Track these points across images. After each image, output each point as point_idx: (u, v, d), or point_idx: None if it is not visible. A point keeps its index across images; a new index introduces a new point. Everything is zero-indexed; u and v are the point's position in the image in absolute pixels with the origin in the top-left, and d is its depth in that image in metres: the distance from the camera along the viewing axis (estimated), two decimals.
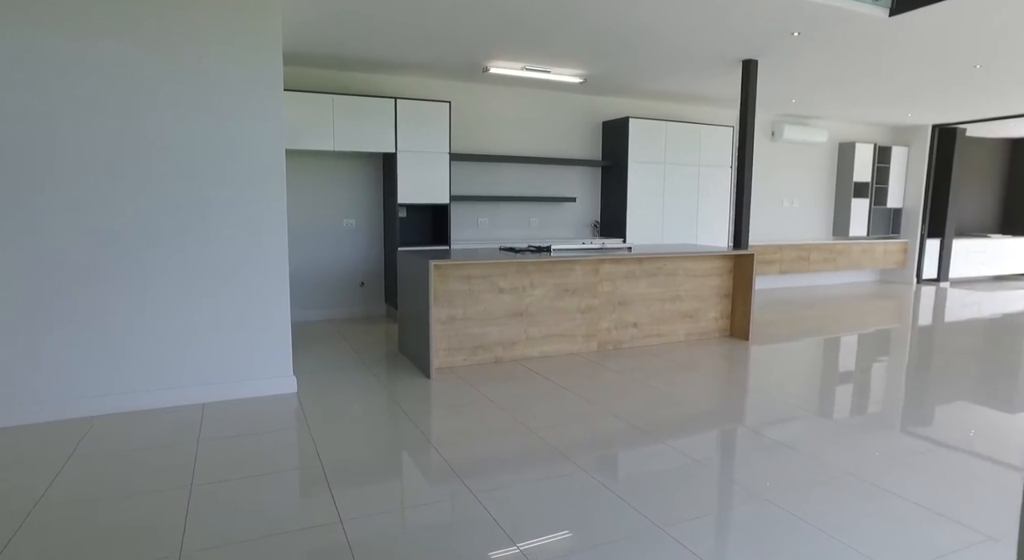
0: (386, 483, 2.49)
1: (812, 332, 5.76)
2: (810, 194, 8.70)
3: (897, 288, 8.73)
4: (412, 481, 2.52)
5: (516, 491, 2.43)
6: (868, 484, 2.52)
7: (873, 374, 4.22)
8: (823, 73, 5.65)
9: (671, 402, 3.54)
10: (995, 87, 6.18)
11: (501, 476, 2.55)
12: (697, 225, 7.14)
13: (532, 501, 2.34)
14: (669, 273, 5.00)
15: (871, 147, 8.72)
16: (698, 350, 4.84)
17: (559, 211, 6.88)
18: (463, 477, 2.54)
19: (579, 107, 6.87)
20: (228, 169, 3.36)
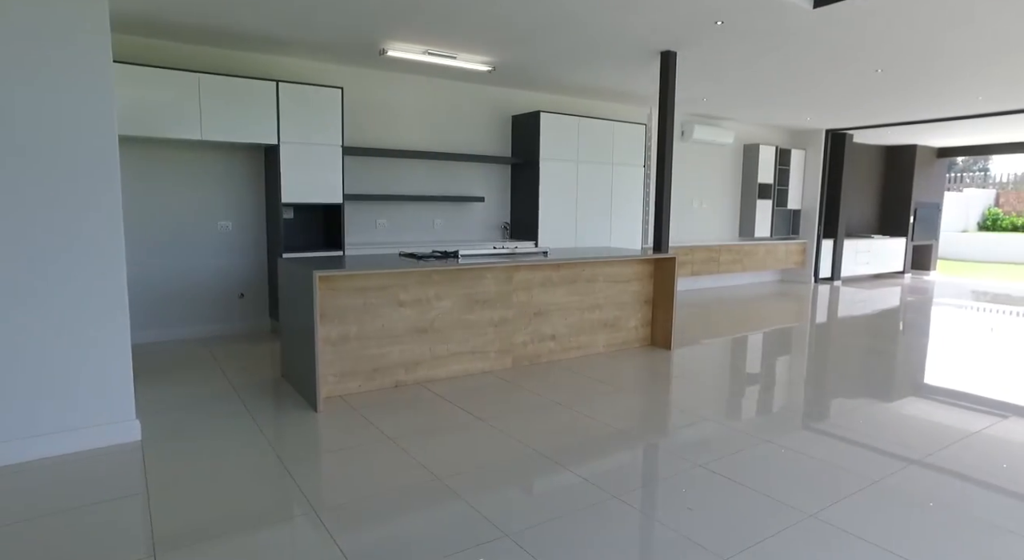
0: None
1: (730, 336, 5.61)
2: (718, 195, 8.72)
3: (798, 287, 8.95)
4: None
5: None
6: (835, 529, 2.19)
7: (799, 381, 4.04)
8: (740, 70, 5.50)
9: (592, 428, 3.12)
10: (888, 92, 6.33)
11: (402, 554, 1.99)
12: (611, 226, 6.87)
13: None
14: (588, 280, 4.62)
15: (773, 149, 8.87)
16: (620, 363, 4.49)
17: (466, 212, 6.36)
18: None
19: (488, 99, 6.38)
20: (34, 158, 2.56)
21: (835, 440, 3.04)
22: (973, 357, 4.97)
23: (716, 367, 4.47)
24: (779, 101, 6.97)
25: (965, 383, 4.19)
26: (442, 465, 2.68)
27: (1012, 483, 2.60)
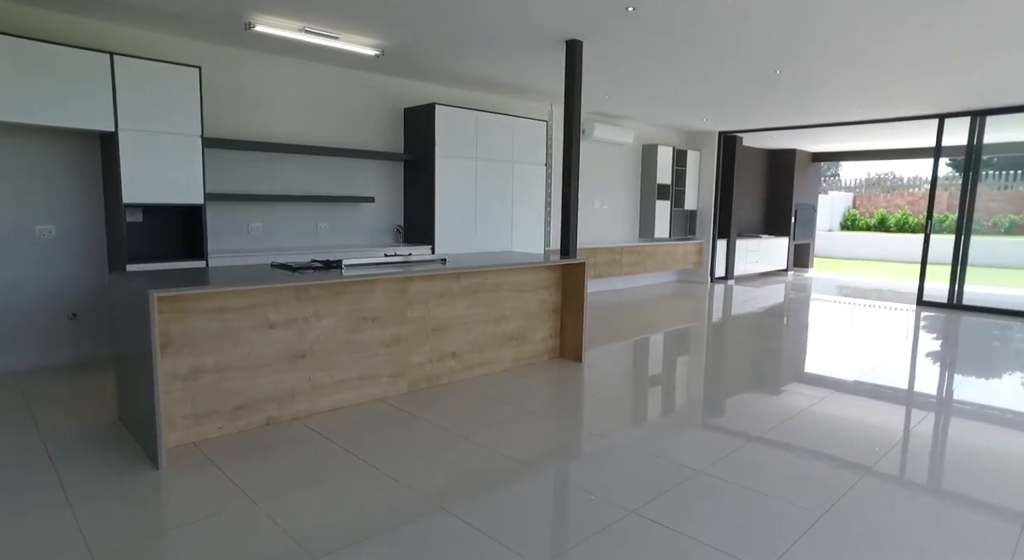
0: None
1: (636, 339, 5.40)
2: (618, 195, 8.61)
3: (696, 287, 9.05)
4: None
5: None
6: None
7: (712, 386, 3.84)
8: (647, 65, 5.28)
9: (493, 462, 2.68)
10: (783, 94, 6.42)
11: None
12: (512, 229, 6.48)
13: None
14: (492, 289, 4.18)
15: (671, 150, 8.91)
16: (527, 380, 4.09)
17: (355, 214, 5.72)
18: None
19: (378, 89, 5.77)
20: None
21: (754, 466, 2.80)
22: (846, 346, 5.36)
23: (626, 378, 4.18)
24: (682, 100, 6.91)
25: (843, 372, 4.54)
26: (312, 529, 2.12)
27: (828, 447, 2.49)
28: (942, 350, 5.42)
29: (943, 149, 7.48)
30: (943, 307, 7.44)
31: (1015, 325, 6.51)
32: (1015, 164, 16.75)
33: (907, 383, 4.27)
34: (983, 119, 7.16)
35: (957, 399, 3.89)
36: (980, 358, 5.08)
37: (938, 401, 3.86)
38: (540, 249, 6.80)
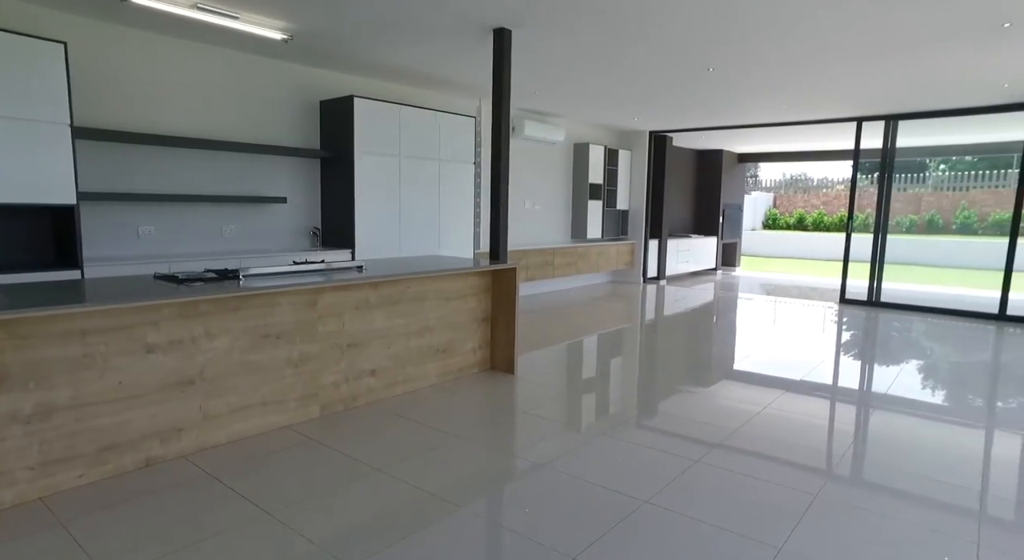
0: None
1: (573, 346, 5.17)
2: (550, 195, 8.39)
3: (628, 288, 8.97)
4: None
5: None
6: None
7: (653, 401, 3.64)
8: (579, 58, 5.04)
9: (411, 501, 2.34)
10: (711, 94, 6.37)
11: None
12: (439, 232, 6.12)
13: None
14: (415, 298, 3.81)
15: (602, 149, 8.77)
16: (455, 397, 3.75)
17: (265, 215, 5.20)
18: None
19: (290, 79, 5.27)
20: None
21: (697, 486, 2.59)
22: (771, 343, 5.54)
23: (561, 389, 3.92)
24: (613, 97, 6.74)
25: (764, 367, 4.73)
26: None
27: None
28: (872, 348, 5.48)
29: (856, 152, 7.68)
30: (864, 304, 7.65)
31: (930, 320, 6.73)
32: (908, 167, 17.80)
33: (849, 383, 4.23)
34: (896, 123, 7.39)
35: (899, 396, 3.86)
36: (907, 354, 5.14)
37: (888, 401, 3.81)
38: (470, 253, 6.46)
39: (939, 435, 3.30)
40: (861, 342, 5.81)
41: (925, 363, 4.98)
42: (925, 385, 4.36)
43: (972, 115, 6.92)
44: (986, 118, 7.24)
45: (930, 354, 5.32)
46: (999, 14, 3.81)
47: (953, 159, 18.19)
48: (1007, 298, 6.77)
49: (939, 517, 2.37)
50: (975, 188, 16.99)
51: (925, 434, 3.31)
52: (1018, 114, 6.66)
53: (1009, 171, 16.65)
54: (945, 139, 9.95)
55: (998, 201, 16.49)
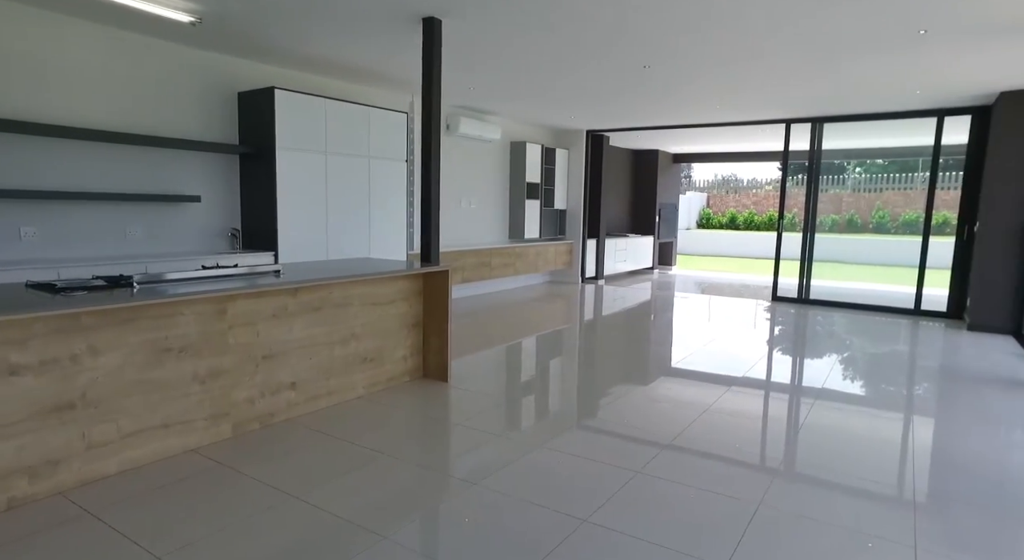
0: None
1: (512, 348, 5.00)
2: (487, 194, 8.20)
3: (567, 288, 8.90)
4: None
5: None
6: None
7: (593, 405, 3.51)
8: (511, 53, 4.88)
9: (336, 536, 2.10)
10: (647, 93, 6.35)
11: None
12: (370, 233, 5.82)
13: None
14: (339, 304, 3.54)
15: (539, 148, 8.66)
16: (384, 410, 3.51)
17: (176, 216, 4.78)
18: None
19: (203, 68, 4.86)
20: None
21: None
22: (708, 342, 5.61)
23: (498, 397, 3.74)
24: (550, 95, 6.62)
25: (703, 366, 4.78)
26: None
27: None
28: (804, 344, 5.58)
29: (781, 152, 7.88)
30: (795, 302, 7.85)
31: (855, 316, 6.96)
32: (829, 170, 18.68)
33: (786, 379, 4.25)
34: (821, 126, 7.62)
35: (833, 389, 3.89)
36: (837, 350, 5.25)
37: (825, 395, 3.82)
38: (403, 255, 6.19)
39: (871, 428, 3.33)
40: (794, 339, 5.92)
41: (854, 358, 5.09)
42: (856, 379, 4.45)
43: (888, 120, 7.20)
44: (899, 123, 7.57)
45: (858, 349, 5.46)
46: (916, 22, 3.89)
47: (868, 162, 19.23)
48: (921, 294, 7.08)
49: (877, 523, 2.33)
50: (887, 190, 17.99)
51: (858, 429, 3.32)
52: (927, 120, 6.96)
53: (915, 174, 17.74)
54: (864, 142, 10.41)
55: (907, 202, 17.52)
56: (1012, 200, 5.96)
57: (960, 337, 5.98)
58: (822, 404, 3.79)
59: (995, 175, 6.08)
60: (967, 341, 5.80)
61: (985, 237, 6.15)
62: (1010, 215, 5.98)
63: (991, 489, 2.64)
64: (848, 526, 2.29)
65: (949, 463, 2.92)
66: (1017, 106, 5.90)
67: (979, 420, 3.55)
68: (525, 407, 3.71)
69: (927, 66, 4.97)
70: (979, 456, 3.01)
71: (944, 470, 2.84)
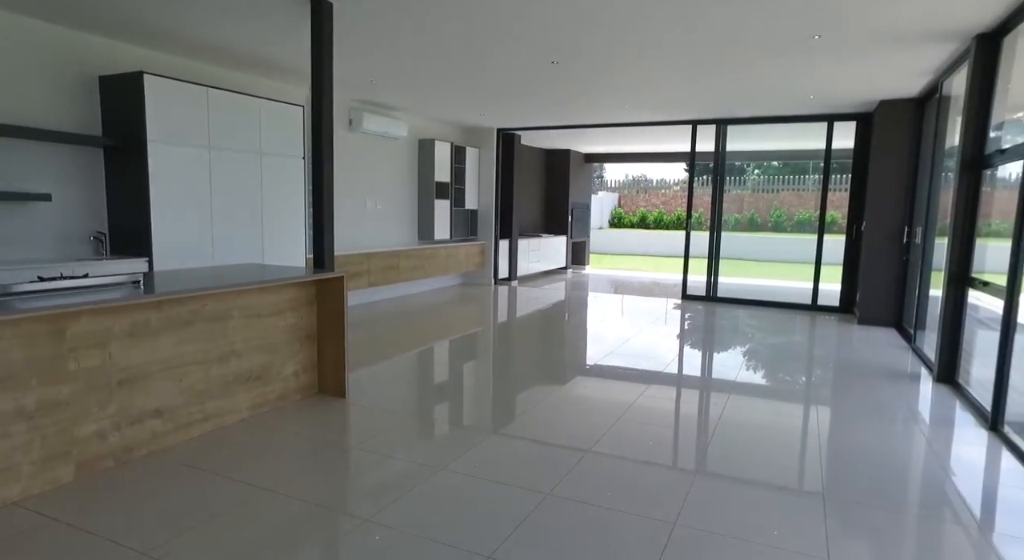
0: None
1: (421, 356, 4.71)
2: (394, 194, 7.83)
3: (479, 290, 8.68)
4: None
5: None
6: None
7: (505, 418, 3.30)
8: (412, 42, 4.58)
9: None
10: (556, 92, 6.23)
11: None
12: (264, 237, 5.34)
13: None
14: (216, 318, 3.13)
15: (449, 146, 8.37)
16: (271, 433, 3.13)
17: (23, 217, 4.13)
18: None
19: (55, 46, 4.23)
20: None
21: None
22: (622, 340, 5.61)
23: (402, 413, 3.46)
24: (456, 90, 6.36)
25: (619, 364, 4.80)
26: None
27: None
28: (714, 341, 5.64)
29: (688, 153, 8.04)
30: (703, 300, 8.01)
31: (760, 313, 7.19)
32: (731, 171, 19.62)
33: (699, 378, 4.22)
34: (725, 128, 7.83)
35: (746, 383, 3.89)
36: (745, 345, 5.34)
37: (738, 390, 3.80)
38: (302, 260, 5.74)
39: (781, 423, 3.32)
40: (706, 337, 5.99)
41: (761, 353, 5.19)
42: (764, 374, 4.53)
43: (785, 123, 7.49)
44: (795, 127, 7.91)
45: (764, 344, 5.58)
46: (810, 27, 3.96)
47: (765, 164, 20.35)
48: (818, 290, 7.42)
49: (793, 534, 2.25)
50: (783, 191, 19.09)
51: (770, 424, 3.30)
52: (819, 125, 7.30)
53: (807, 176, 18.96)
54: (763, 145, 10.88)
55: (800, 202, 18.67)
56: (892, 202, 6.32)
57: (852, 331, 6.27)
58: (736, 400, 3.78)
59: (877, 178, 6.42)
60: (858, 334, 6.09)
61: (870, 237, 6.49)
62: (891, 216, 6.34)
63: (890, 481, 2.65)
64: (764, 543, 2.19)
65: (848, 456, 2.93)
66: (893, 114, 6.26)
67: (873, 411, 3.64)
68: (432, 422, 3.44)
69: (819, 72, 5.13)
70: (876, 447, 3.05)
71: (845, 464, 2.84)
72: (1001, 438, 3.26)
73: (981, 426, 3.43)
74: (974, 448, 3.20)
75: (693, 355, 5.31)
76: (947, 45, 4.32)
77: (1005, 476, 2.86)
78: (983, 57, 4.02)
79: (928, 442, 3.24)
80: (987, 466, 2.99)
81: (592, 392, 4.04)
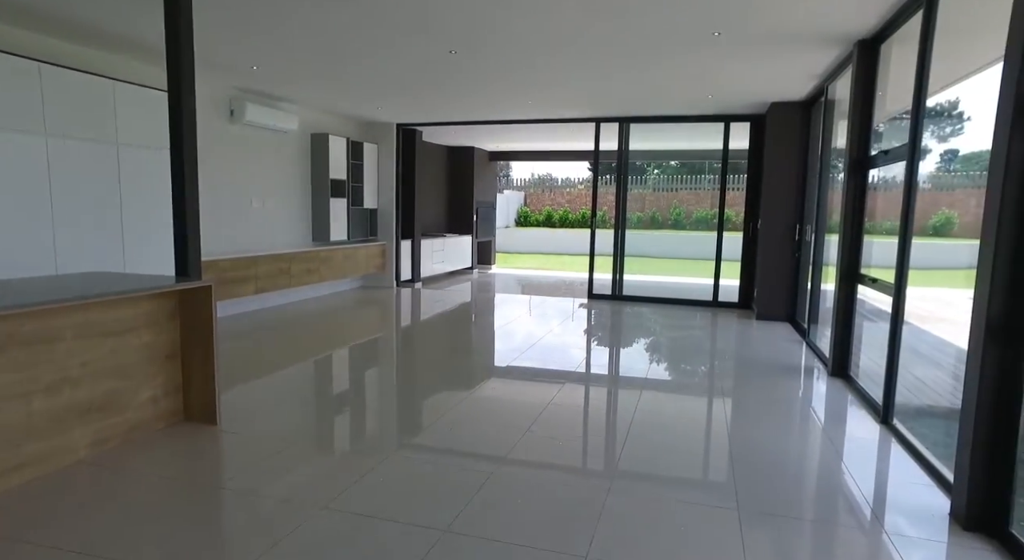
0: None
1: (311, 369, 4.27)
2: (285, 193, 7.22)
3: (381, 293, 8.24)
4: None
5: None
6: None
7: (405, 446, 2.97)
8: (295, 23, 4.12)
9: None
10: (458, 86, 5.94)
11: None
12: (124, 240, 4.67)
13: None
14: (40, 340, 2.58)
15: (344, 142, 7.85)
16: (116, 478, 2.63)
17: None
18: None
19: None
20: None
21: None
22: (528, 339, 5.47)
23: (284, 439, 3.04)
24: (348, 80, 5.90)
25: (528, 365, 4.65)
26: None
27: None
28: (620, 339, 5.57)
29: (593, 152, 8.02)
30: (609, 299, 8.01)
31: (664, 310, 7.26)
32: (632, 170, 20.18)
33: (613, 376, 4.07)
34: (628, 126, 7.85)
35: (656, 379, 3.78)
36: (652, 343, 5.30)
37: (649, 386, 3.67)
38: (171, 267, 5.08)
39: (690, 420, 3.22)
40: (613, 336, 5.92)
41: (666, 350, 5.16)
42: (671, 371, 4.50)
43: (685, 122, 7.61)
44: (694, 128, 8.08)
45: (669, 342, 5.58)
46: (710, 23, 3.92)
47: (664, 165, 21.08)
48: (718, 287, 7.60)
49: (711, 550, 2.10)
50: (681, 190, 19.85)
51: (679, 422, 3.19)
52: (717, 125, 7.47)
53: (703, 176, 19.84)
54: (664, 145, 11.11)
55: (698, 201, 19.50)
56: (785, 201, 6.55)
57: (750, 326, 6.44)
58: (645, 403, 3.66)
59: (770, 178, 6.64)
60: (756, 330, 6.25)
61: (766, 235, 6.70)
62: (784, 215, 6.57)
63: (795, 483, 2.59)
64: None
65: (753, 459, 2.86)
66: (782, 116, 6.49)
67: (774, 408, 3.64)
68: (323, 445, 3.05)
69: (719, 72, 5.17)
70: (780, 449, 3.01)
71: (751, 468, 2.76)
72: (892, 431, 3.33)
73: (874, 419, 3.50)
74: (868, 442, 3.25)
75: (601, 355, 5.21)
76: (832, 49, 4.45)
77: (896, 473, 2.90)
78: (864, 62, 4.14)
79: (828, 438, 3.25)
80: (878, 461, 3.05)
81: (503, 396, 3.81)
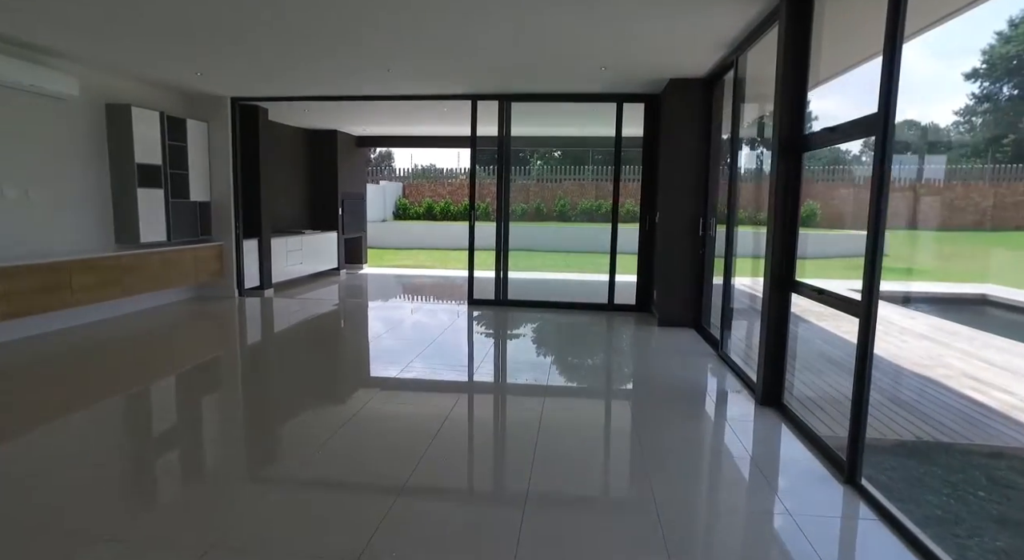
0: None
1: (89, 424, 2.83)
2: (61, 179, 5.43)
3: (218, 305, 6.66)
4: None
5: None
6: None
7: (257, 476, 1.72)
8: None
9: None
10: (300, 49, 4.59)
11: None
12: None
13: None
14: None
15: (157, 116, 6.15)
16: None
17: None
18: None
19: None
20: None
21: None
22: (408, 349, 4.85)
23: (63, 515, 1.68)
24: (141, 27, 4.36)
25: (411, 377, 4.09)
26: None
27: None
28: (514, 357, 4.54)
29: (479, 138, 6.94)
30: (492, 304, 6.98)
31: (552, 316, 6.35)
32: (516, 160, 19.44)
33: (504, 394, 3.01)
34: (509, 104, 6.84)
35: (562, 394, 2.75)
36: (537, 354, 4.32)
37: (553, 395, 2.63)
38: None
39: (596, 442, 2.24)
40: (499, 350, 4.87)
41: (562, 374, 4.20)
42: (570, 392, 3.54)
43: (574, 101, 6.72)
44: (583, 112, 7.25)
45: (563, 357, 4.64)
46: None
47: (547, 155, 20.51)
48: (614, 289, 6.82)
49: None
50: (566, 180, 19.35)
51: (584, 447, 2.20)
52: (609, 106, 6.65)
53: (585, 166, 19.48)
54: (549, 130, 10.24)
55: (582, 191, 19.09)
56: (685, 190, 5.84)
57: (652, 334, 5.68)
58: (549, 418, 2.62)
59: (669, 165, 5.90)
60: (659, 339, 5.50)
61: (665, 229, 5.97)
62: (685, 207, 5.86)
63: None
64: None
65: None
66: (682, 94, 5.75)
67: (692, 460, 2.77)
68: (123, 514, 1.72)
69: (608, 31, 4.23)
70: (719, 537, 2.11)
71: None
72: (859, 491, 2.56)
73: (836, 480, 2.70)
74: (832, 514, 2.44)
75: (492, 370, 4.17)
76: (749, 6, 3.65)
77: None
78: (795, 20, 3.38)
79: (787, 513, 2.40)
80: (859, 544, 2.23)
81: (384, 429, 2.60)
